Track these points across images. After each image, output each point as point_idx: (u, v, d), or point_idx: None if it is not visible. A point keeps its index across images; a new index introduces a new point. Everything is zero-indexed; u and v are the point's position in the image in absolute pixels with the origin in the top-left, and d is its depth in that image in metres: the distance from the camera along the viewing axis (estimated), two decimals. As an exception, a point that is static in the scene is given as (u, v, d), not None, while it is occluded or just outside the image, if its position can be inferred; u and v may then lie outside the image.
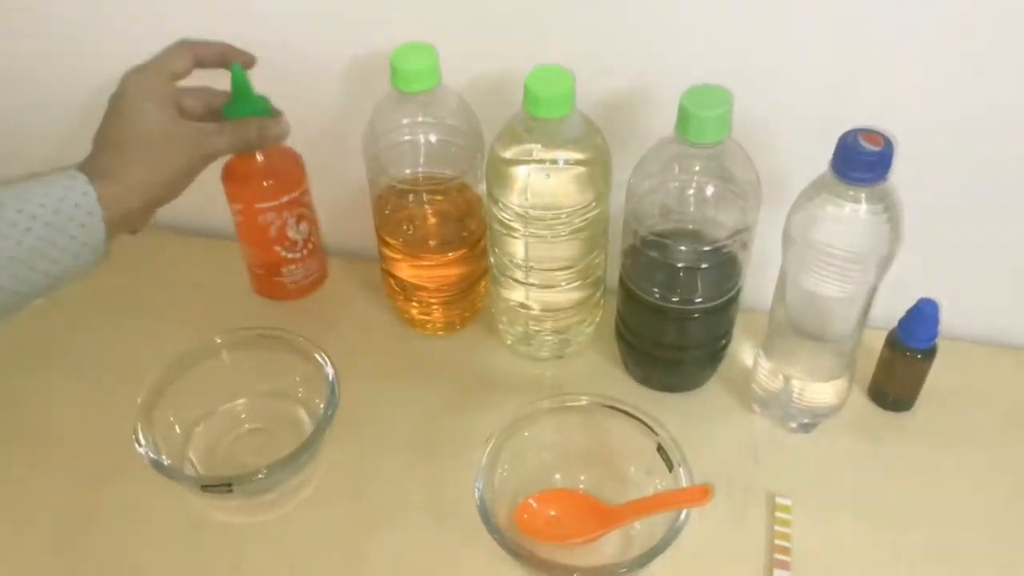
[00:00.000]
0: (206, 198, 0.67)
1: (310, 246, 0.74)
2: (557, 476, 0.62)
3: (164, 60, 0.62)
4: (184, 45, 0.63)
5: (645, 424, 0.59)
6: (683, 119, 0.56)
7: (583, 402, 0.61)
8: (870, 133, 0.52)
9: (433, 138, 0.66)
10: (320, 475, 0.64)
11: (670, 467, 0.58)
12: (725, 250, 0.61)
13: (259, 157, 0.70)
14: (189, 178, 0.60)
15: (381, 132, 0.66)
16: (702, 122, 0.55)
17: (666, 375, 0.69)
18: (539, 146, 0.61)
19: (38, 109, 0.80)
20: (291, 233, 0.72)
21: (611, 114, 0.65)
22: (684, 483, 0.57)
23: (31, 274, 0.53)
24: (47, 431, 0.68)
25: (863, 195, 0.53)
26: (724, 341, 0.67)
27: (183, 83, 0.63)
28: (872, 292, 0.58)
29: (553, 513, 0.60)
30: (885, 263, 0.56)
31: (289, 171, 0.71)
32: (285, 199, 0.71)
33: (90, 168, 0.56)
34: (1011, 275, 0.69)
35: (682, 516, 0.55)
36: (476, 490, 0.57)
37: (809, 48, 0.61)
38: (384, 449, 0.66)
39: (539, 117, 0.59)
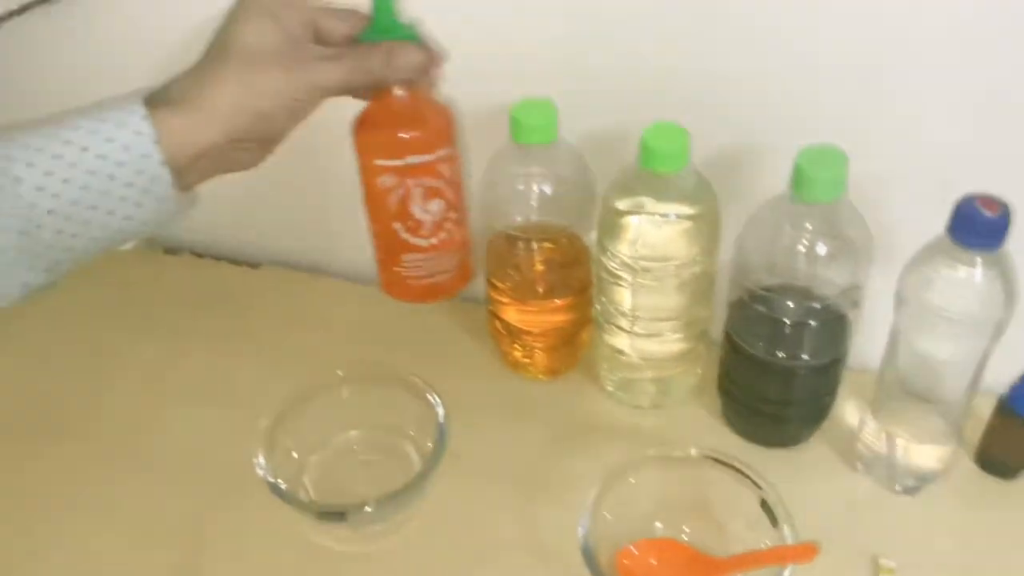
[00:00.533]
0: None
1: (442, 234, 0.57)
2: (659, 525, 0.63)
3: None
4: None
5: (750, 479, 0.60)
6: (798, 178, 0.57)
7: (688, 453, 0.62)
8: (988, 200, 0.53)
9: (547, 189, 0.68)
10: (425, 510, 0.67)
11: (774, 523, 0.58)
12: (835, 308, 0.61)
13: (399, 97, 0.54)
14: (292, 113, 0.49)
15: (497, 181, 0.69)
16: (817, 182, 0.56)
17: (769, 430, 0.69)
18: (652, 199, 0.63)
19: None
20: (415, 209, 0.56)
21: (722, 168, 0.67)
22: (788, 540, 0.57)
23: (86, 227, 0.46)
24: (168, 455, 0.72)
25: (979, 260, 0.54)
26: (829, 399, 0.67)
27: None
28: (984, 356, 0.58)
29: (654, 562, 0.61)
30: (999, 328, 0.56)
31: (428, 126, 0.55)
32: (412, 160, 0.54)
33: (164, 92, 0.48)
34: None
35: (785, 573, 0.55)
36: (580, 530, 0.58)
37: (926, 110, 0.62)
38: (486, 487, 0.68)
39: (654, 171, 0.61)
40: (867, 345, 0.66)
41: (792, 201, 0.58)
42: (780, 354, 0.63)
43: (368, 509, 0.61)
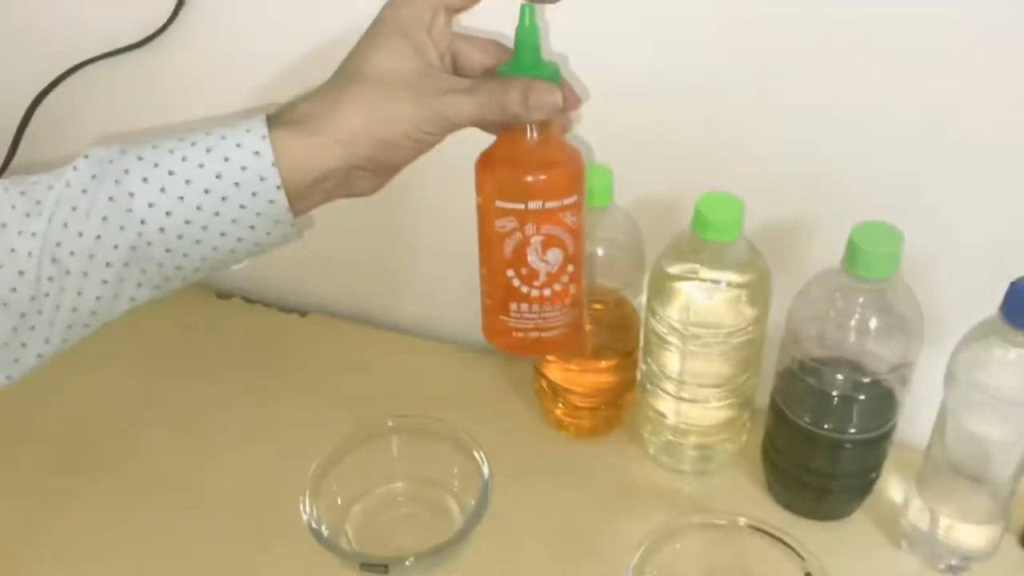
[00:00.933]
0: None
1: (556, 287, 0.54)
2: None
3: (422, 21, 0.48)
4: None
5: (794, 550, 0.59)
6: (852, 253, 0.58)
7: (734, 521, 0.62)
8: None
9: (600, 251, 0.69)
10: (464, 566, 0.67)
11: None
12: (884, 383, 0.61)
13: (531, 136, 0.51)
14: (417, 143, 0.47)
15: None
16: (871, 258, 0.57)
17: (812, 502, 0.69)
18: (704, 267, 0.64)
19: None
20: (532, 257, 0.52)
21: (774, 239, 0.68)
22: None
23: (197, 247, 0.46)
24: (215, 497, 0.73)
25: (1032, 342, 0.54)
26: (874, 474, 0.67)
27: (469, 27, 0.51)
28: (1036, 439, 0.58)
29: None
30: (1052, 411, 0.56)
31: (556, 171, 0.51)
32: (534, 205, 0.51)
33: (289, 112, 0.46)
34: None
35: None
36: None
37: (982, 188, 0.63)
38: (526, 546, 0.68)
39: (707, 240, 0.62)
40: (915, 421, 0.66)
41: (845, 275, 0.59)
42: (827, 426, 0.64)
43: (409, 562, 0.61)
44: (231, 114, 0.48)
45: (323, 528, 0.63)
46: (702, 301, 0.64)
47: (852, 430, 0.63)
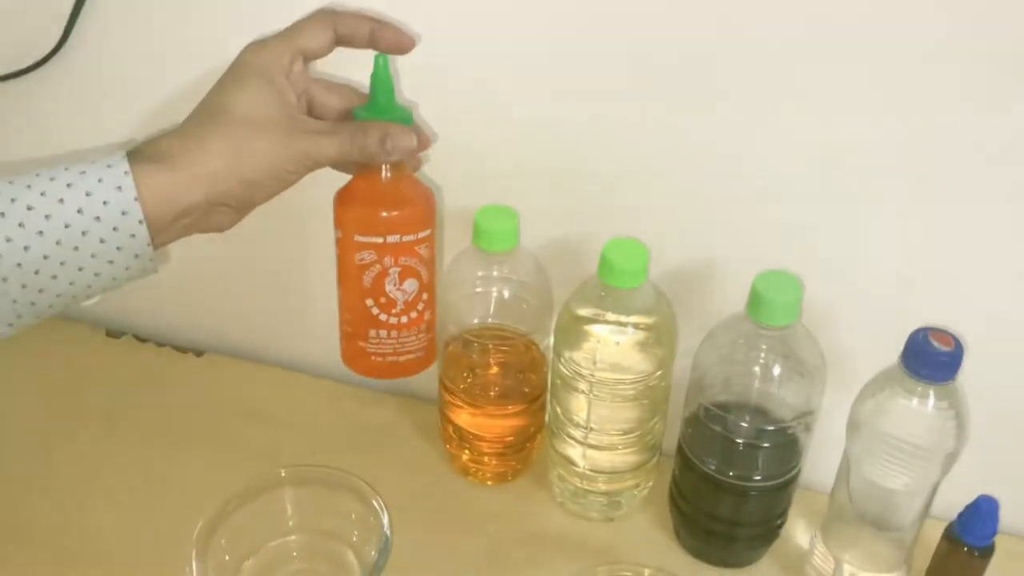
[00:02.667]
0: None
1: (412, 314, 0.59)
2: None
3: (295, 31, 0.51)
4: (324, 15, 0.52)
5: None
6: (755, 302, 0.58)
7: (638, 572, 0.61)
8: (941, 333, 0.54)
9: (506, 294, 0.68)
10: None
11: None
12: (788, 431, 0.61)
13: (385, 175, 0.56)
14: (279, 181, 0.49)
15: (456, 283, 0.68)
16: (773, 306, 0.57)
17: (719, 549, 0.68)
18: (610, 313, 0.63)
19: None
20: (390, 287, 0.57)
21: (680, 285, 0.67)
22: None
23: (53, 282, 0.45)
24: (97, 556, 0.68)
25: (931, 392, 0.54)
26: (780, 521, 0.67)
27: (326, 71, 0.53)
28: (935, 486, 0.59)
29: None
30: (950, 459, 0.57)
31: (412, 207, 0.57)
32: (392, 239, 0.56)
33: (149, 148, 0.47)
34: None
35: None
36: None
37: (878, 241, 0.63)
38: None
39: (613, 286, 0.61)
40: (820, 464, 0.66)
41: (748, 322, 0.59)
42: (732, 473, 0.63)
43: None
44: (94, 150, 0.48)
45: (211, 591, 0.59)
46: (609, 346, 0.63)
47: (757, 477, 0.63)
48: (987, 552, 0.64)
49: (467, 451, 0.74)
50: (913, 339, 0.54)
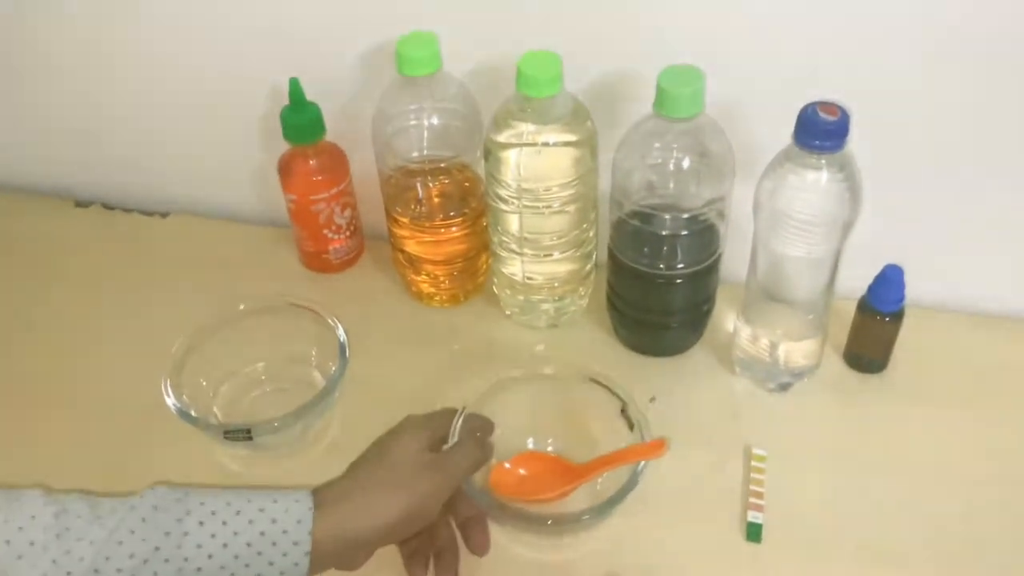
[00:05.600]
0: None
1: (352, 228, 0.83)
2: (529, 441, 0.67)
3: (439, 422, 0.62)
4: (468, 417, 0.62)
5: (609, 389, 0.64)
6: (660, 96, 0.61)
7: (551, 370, 0.66)
8: (827, 105, 0.57)
9: (436, 121, 0.71)
10: (332, 432, 0.70)
11: (631, 427, 0.62)
12: (703, 218, 0.66)
13: (312, 159, 0.78)
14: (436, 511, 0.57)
15: (389, 117, 0.71)
16: (677, 98, 0.60)
17: (654, 340, 0.74)
18: (531, 125, 0.66)
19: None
20: (337, 219, 0.81)
21: (600, 97, 0.70)
22: (645, 439, 0.62)
23: None
24: (83, 395, 0.74)
25: (823, 163, 0.58)
26: (707, 307, 0.72)
27: None
28: (836, 255, 0.63)
29: (524, 472, 0.64)
30: (847, 227, 0.61)
31: (337, 167, 0.79)
32: (334, 191, 0.79)
33: (328, 491, 0.54)
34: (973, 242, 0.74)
35: (640, 468, 0.59)
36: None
37: (776, 32, 0.66)
38: (391, 407, 0.70)
39: (531, 97, 0.64)
40: (739, 259, 0.70)
41: (656, 118, 0.62)
42: (659, 266, 0.68)
43: (276, 425, 0.64)
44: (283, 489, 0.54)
45: (183, 405, 0.65)
46: (532, 160, 0.67)
47: (681, 266, 0.67)
48: (897, 317, 0.69)
49: (420, 277, 0.79)
50: (802, 113, 0.57)
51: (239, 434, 0.63)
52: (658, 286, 0.69)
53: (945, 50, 0.64)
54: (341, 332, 0.68)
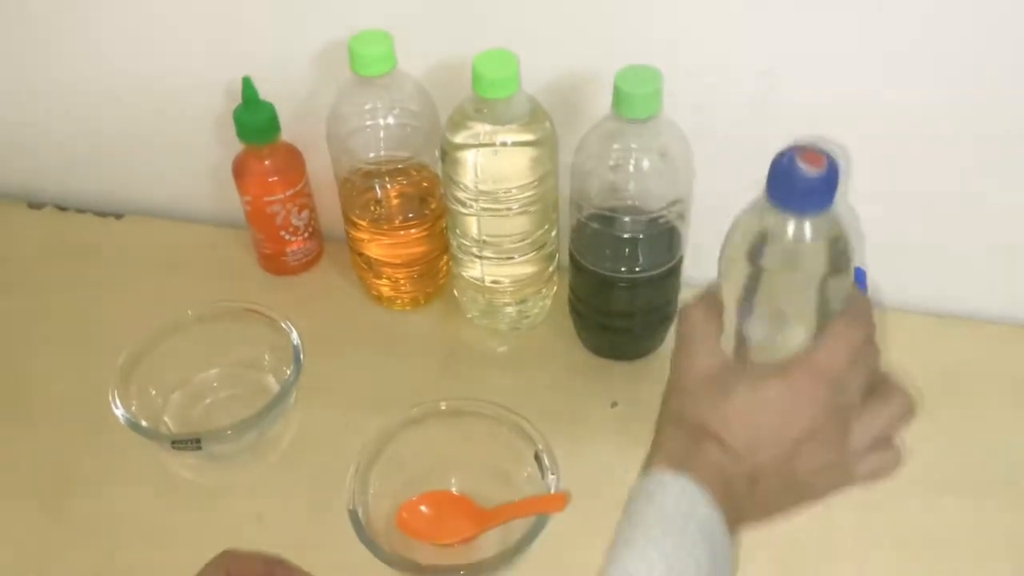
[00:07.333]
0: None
1: (310, 230, 0.81)
2: (449, 479, 0.64)
3: None
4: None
5: (525, 432, 0.62)
6: (617, 97, 0.60)
7: (468, 406, 0.64)
8: (810, 152, 0.42)
9: (392, 121, 0.70)
10: (289, 437, 0.69)
11: (543, 475, 0.61)
12: (663, 221, 0.64)
13: (266, 159, 0.76)
14: None
15: (344, 117, 0.70)
16: (634, 99, 0.59)
17: (616, 343, 0.72)
18: (488, 125, 0.65)
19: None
20: (294, 220, 0.79)
21: (558, 98, 0.69)
22: (552, 490, 0.60)
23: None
24: (32, 403, 0.72)
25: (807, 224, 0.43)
26: (669, 309, 0.71)
27: None
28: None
29: (425, 510, 0.62)
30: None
31: (293, 168, 0.77)
32: (290, 192, 0.77)
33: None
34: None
35: (541, 522, 0.57)
36: (348, 503, 0.59)
37: (735, 31, 0.65)
38: (349, 412, 0.69)
39: (487, 97, 0.63)
40: (704, 261, 0.69)
41: (615, 120, 0.61)
42: (621, 268, 0.67)
43: (228, 434, 0.62)
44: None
45: (130, 415, 0.63)
46: (489, 160, 0.66)
47: (640, 269, 0.66)
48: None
49: (380, 280, 0.77)
50: (776, 164, 0.42)
51: (188, 444, 0.62)
52: (619, 289, 0.68)
53: (911, 51, 0.63)
54: (295, 336, 0.67)
